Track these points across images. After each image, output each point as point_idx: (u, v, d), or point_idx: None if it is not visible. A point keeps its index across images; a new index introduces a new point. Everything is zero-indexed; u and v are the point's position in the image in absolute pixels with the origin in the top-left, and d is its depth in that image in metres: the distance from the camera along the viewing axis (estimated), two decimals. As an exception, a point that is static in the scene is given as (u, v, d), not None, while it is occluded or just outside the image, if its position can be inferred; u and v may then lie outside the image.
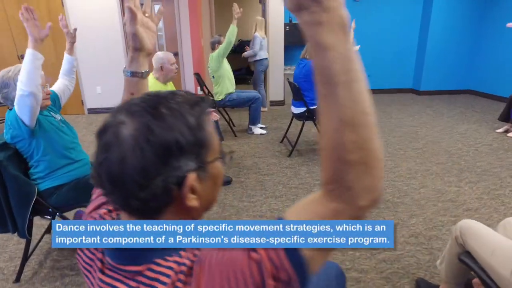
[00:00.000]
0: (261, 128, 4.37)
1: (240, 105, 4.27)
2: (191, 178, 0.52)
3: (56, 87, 2.04)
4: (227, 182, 2.93)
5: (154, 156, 0.49)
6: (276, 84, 5.74)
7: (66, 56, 2.04)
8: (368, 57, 6.23)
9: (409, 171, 3.08)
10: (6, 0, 4.98)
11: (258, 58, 5.00)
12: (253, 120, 4.29)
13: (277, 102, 5.83)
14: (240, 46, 8.60)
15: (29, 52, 1.53)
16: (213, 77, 4.10)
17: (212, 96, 4.21)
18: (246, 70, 8.29)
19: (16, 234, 1.76)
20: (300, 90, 3.32)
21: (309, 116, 3.40)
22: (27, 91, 1.54)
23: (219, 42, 4.09)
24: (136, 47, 0.77)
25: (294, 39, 5.56)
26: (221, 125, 4.60)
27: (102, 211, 0.67)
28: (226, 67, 4.10)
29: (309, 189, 2.78)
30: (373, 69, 6.29)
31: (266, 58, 5.10)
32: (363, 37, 5.90)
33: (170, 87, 2.95)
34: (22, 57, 5.29)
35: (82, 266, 0.66)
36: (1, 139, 1.73)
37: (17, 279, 1.84)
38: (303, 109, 3.40)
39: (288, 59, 6.05)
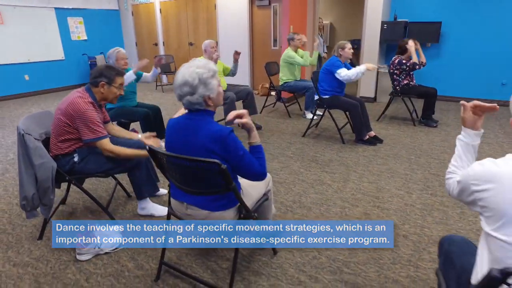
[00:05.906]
0: (313, 114, 4.88)
1: (295, 91, 4.93)
2: (102, 83, 2.12)
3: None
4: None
5: (99, 74, 2.12)
6: (368, 81, 5.79)
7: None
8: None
9: None
10: (188, 4, 7.45)
11: None
12: (306, 106, 4.87)
13: (368, 98, 5.84)
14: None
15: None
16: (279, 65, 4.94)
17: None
18: (351, 64, 8.26)
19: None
20: (318, 80, 3.79)
21: (321, 104, 3.80)
22: None
23: (293, 39, 4.79)
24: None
25: (391, 37, 5.45)
26: (282, 108, 5.40)
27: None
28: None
29: (274, 157, 3.38)
30: None
31: None
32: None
33: (218, 64, 4.12)
34: (191, 44, 7.78)
35: None
36: None
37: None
38: (317, 97, 3.83)
39: (383, 57, 5.91)
